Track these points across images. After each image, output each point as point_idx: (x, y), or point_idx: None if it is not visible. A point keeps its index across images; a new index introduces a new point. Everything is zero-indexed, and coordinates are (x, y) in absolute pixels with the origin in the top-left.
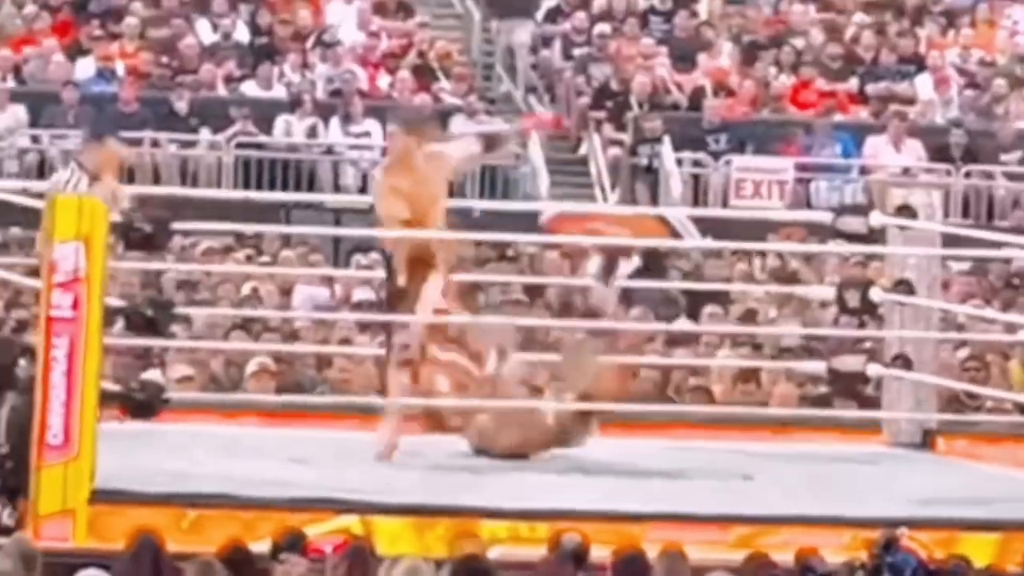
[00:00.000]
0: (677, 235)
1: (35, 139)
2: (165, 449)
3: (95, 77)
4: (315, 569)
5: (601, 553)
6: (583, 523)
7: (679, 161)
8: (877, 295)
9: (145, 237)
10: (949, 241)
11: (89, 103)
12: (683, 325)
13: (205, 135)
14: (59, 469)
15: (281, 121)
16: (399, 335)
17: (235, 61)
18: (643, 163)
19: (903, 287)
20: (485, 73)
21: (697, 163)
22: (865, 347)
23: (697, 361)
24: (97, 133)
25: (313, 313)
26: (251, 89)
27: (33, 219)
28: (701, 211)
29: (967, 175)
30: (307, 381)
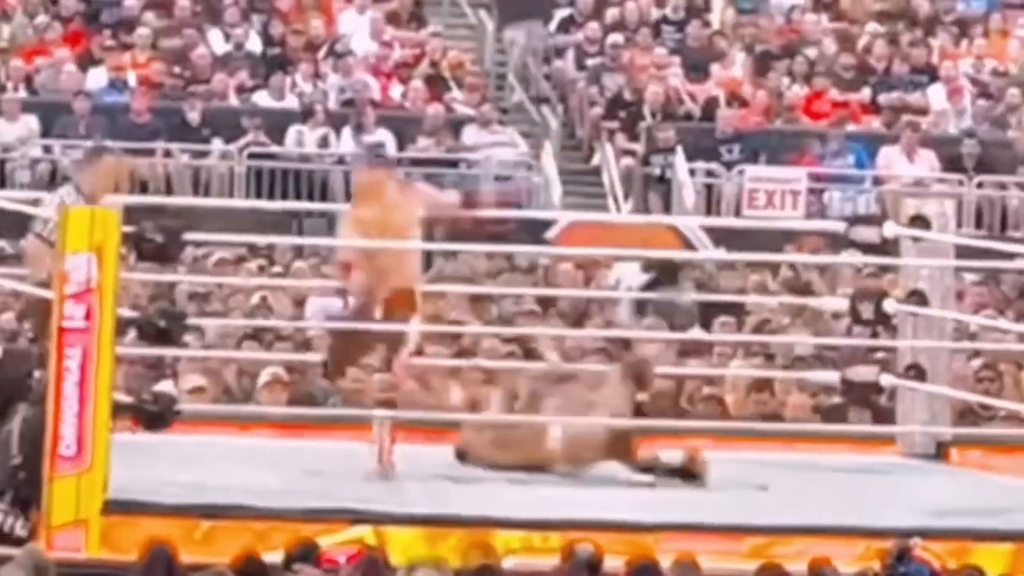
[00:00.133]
0: (690, 246)
1: (47, 149)
2: (178, 460)
3: (107, 87)
4: None
5: (614, 563)
6: (596, 533)
7: (692, 171)
8: (890, 306)
9: (157, 248)
10: (962, 251)
11: (101, 113)
12: (696, 335)
13: (217, 145)
14: (72, 480)
15: (293, 131)
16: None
17: (247, 71)
18: (656, 173)
19: (916, 298)
20: (498, 83)
21: (710, 173)
22: (878, 357)
23: (710, 371)
24: (96, 150)
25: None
26: (263, 99)
27: None
28: (714, 221)
29: (980, 185)
30: (319, 392)
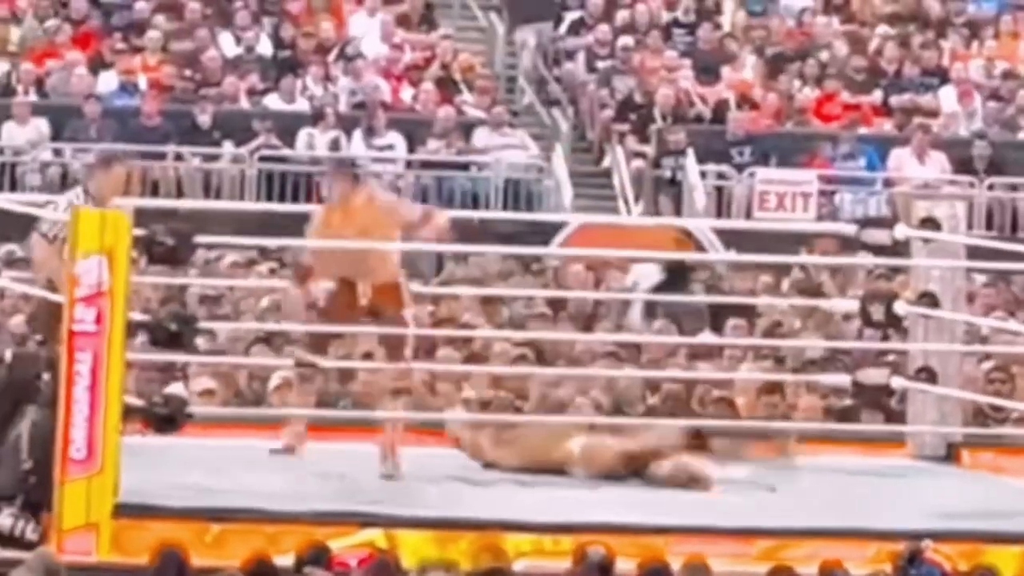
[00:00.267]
0: (701, 248)
1: (57, 152)
2: (188, 463)
3: (118, 90)
4: None
5: (626, 566)
6: (608, 536)
7: (703, 174)
8: (901, 308)
9: (168, 251)
10: (973, 253)
11: (111, 116)
12: (707, 338)
13: (228, 148)
14: (82, 483)
15: (304, 134)
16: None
17: (258, 74)
18: (667, 175)
19: (927, 300)
20: (508, 86)
21: (721, 175)
22: (889, 360)
23: (721, 375)
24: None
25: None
26: (274, 102)
27: None
28: (725, 223)
29: (991, 187)
30: (330, 395)
